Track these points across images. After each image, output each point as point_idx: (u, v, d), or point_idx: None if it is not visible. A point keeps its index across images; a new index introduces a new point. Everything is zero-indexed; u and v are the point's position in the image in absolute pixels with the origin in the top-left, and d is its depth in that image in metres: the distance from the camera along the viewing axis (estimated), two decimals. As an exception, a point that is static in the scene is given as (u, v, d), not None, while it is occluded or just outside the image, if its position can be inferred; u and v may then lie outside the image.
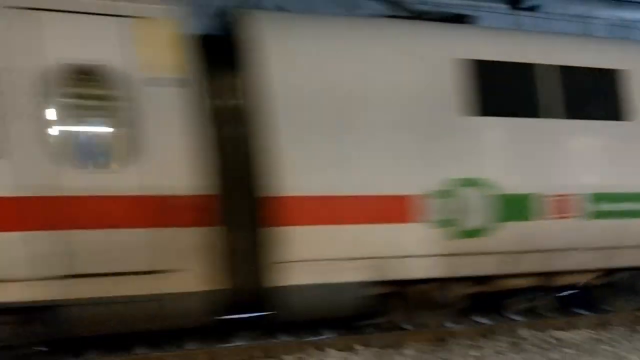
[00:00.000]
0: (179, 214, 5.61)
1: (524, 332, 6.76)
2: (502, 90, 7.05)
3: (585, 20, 12.51)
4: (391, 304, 6.62)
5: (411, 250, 6.45)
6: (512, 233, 6.79)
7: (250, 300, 6.20)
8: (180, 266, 5.61)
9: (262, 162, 6.05)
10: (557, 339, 6.61)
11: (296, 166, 6.06)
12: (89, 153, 5.51)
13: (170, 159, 5.66)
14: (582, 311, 7.78)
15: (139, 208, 5.54)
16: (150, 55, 5.70)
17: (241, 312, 6.59)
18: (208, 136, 5.92)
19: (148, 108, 5.62)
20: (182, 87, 5.76)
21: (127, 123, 5.59)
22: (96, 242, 5.37)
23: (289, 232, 5.99)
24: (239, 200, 6.11)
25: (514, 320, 7.30)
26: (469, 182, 6.68)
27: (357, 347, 6.21)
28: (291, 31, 6.45)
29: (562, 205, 7.05)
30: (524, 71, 7.13)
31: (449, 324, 7.00)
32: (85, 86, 5.62)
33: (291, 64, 6.25)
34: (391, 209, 6.39)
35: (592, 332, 6.90)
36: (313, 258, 6.08)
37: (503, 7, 11.63)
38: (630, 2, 12.39)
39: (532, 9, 11.83)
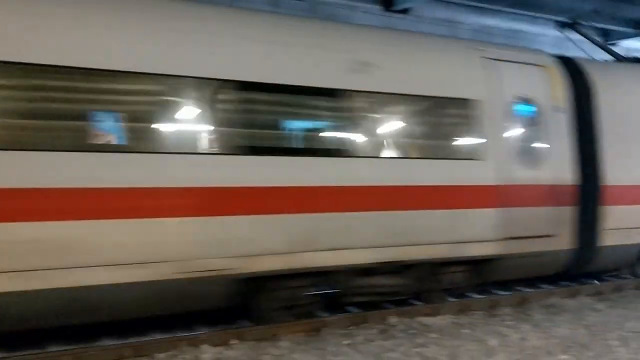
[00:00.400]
0: (562, 197, 8.55)
1: (393, 320, 7.06)
2: None
3: (452, 25, 13.28)
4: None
5: None
6: None
7: (587, 256, 9.01)
8: (558, 232, 8.51)
9: (599, 163, 8.98)
10: (423, 324, 6.96)
11: (614, 165, 9.06)
12: (526, 156, 8.33)
13: (561, 161, 8.64)
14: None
15: (546, 193, 8.40)
16: (553, 91, 8.69)
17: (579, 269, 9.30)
18: (573, 145, 8.82)
19: (553, 127, 8.62)
20: (564, 113, 8.79)
21: (544, 136, 8.52)
22: (524, 215, 8.16)
23: (609, 210, 9.00)
24: (587, 189, 8.88)
25: (384, 308, 7.61)
26: None
27: (233, 341, 6.16)
28: (609, 74, 9.73)
29: None
30: None
31: (323, 314, 7.17)
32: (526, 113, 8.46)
33: (609, 97, 9.29)
34: None
35: (454, 317, 7.35)
36: (620, 227, 9.11)
37: (376, 8, 12.04)
38: (491, 10, 13.31)
39: (403, 11, 12.35)
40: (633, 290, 9.09)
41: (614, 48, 16.30)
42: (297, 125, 7.06)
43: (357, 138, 7.27)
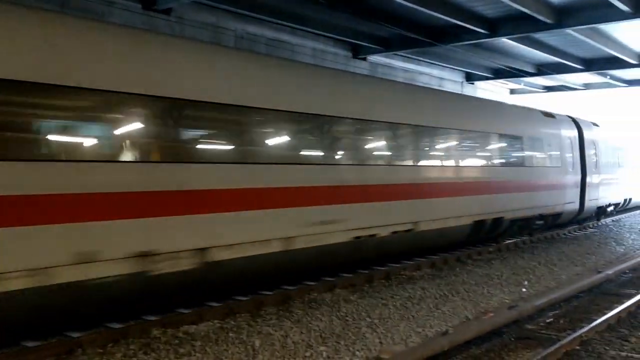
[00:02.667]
0: None
1: (156, 332, 6.76)
2: None
3: (217, 30, 13.30)
4: None
5: None
6: None
7: None
8: None
9: None
10: (187, 333, 6.79)
11: None
12: None
13: None
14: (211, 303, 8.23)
15: None
16: None
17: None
18: None
19: None
20: None
21: None
22: None
23: None
24: None
25: (146, 320, 7.24)
26: None
27: (-37, 377, 5.32)
28: None
29: None
30: None
31: (75, 334, 6.55)
32: None
33: None
34: None
35: (221, 321, 7.30)
36: None
37: (137, 6, 11.51)
38: (255, 18, 13.64)
39: (165, 11, 12.01)
40: (382, 280, 9.99)
41: (363, 62, 18.01)
42: None
43: None
